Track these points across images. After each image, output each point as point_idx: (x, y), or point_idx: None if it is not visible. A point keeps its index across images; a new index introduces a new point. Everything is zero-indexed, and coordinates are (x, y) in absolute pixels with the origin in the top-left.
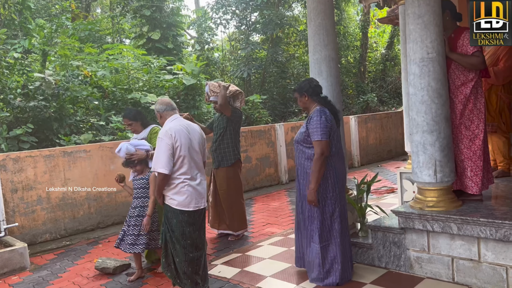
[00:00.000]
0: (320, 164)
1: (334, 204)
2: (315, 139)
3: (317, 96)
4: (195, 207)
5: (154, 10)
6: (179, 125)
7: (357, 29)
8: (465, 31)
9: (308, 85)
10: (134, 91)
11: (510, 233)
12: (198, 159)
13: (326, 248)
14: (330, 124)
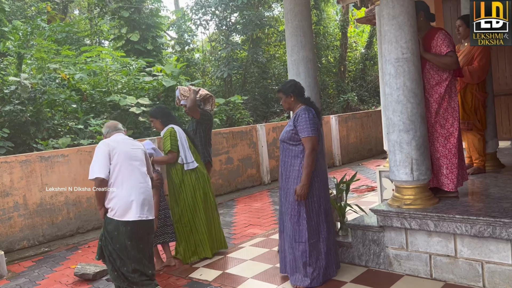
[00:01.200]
0: (312, 159)
1: (319, 201)
2: (305, 136)
3: (302, 97)
4: (137, 217)
5: (133, 11)
6: (119, 138)
7: (337, 29)
8: (439, 31)
9: (294, 86)
10: (113, 93)
11: (484, 229)
12: (137, 170)
13: (314, 245)
14: (317, 122)
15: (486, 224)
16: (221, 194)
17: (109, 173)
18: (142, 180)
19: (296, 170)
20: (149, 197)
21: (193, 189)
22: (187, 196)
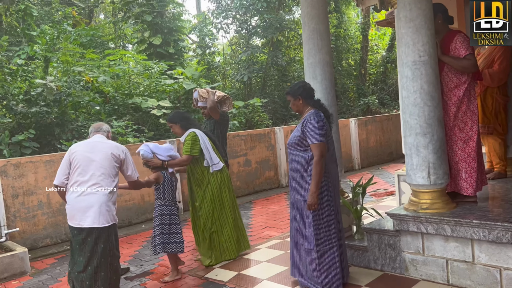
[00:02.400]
0: (320, 166)
1: (330, 207)
2: (314, 142)
3: (311, 99)
4: (77, 224)
5: (155, 15)
6: (90, 140)
7: (358, 32)
8: (457, 34)
9: (302, 88)
10: (135, 96)
11: (502, 234)
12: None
13: (323, 252)
14: (326, 127)
15: (505, 229)
16: (239, 196)
17: (66, 179)
18: (93, 185)
19: (303, 176)
20: (98, 204)
21: (220, 189)
22: (214, 197)
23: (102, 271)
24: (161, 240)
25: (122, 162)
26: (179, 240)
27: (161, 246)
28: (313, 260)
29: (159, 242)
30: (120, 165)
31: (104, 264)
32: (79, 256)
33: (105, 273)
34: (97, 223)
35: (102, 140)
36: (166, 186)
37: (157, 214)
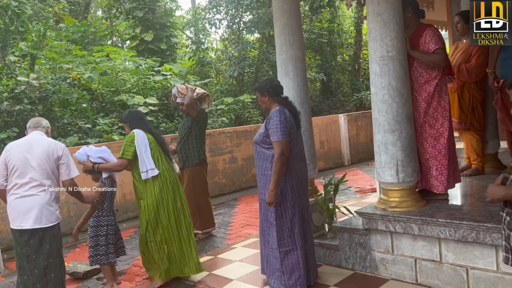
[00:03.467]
0: (280, 165)
1: (294, 207)
2: (275, 140)
3: (278, 97)
4: (18, 226)
5: (147, 11)
6: (27, 137)
7: (352, 27)
8: (428, 28)
9: (269, 85)
10: (122, 93)
11: (468, 233)
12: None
13: (286, 253)
14: (290, 124)
15: (470, 228)
16: (225, 194)
17: (5, 181)
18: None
19: (268, 175)
20: (39, 205)
21: (158, 198)
22: (150, 208)
23: (52, 272)
24: (95, 252)
25: (59, 159)
26: (112, 250)
27: (94, 258)
28: (277, 260)
29: (93, 254)
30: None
31: (53, 264)
32: (24, 260)
33: (56, 274)
34: (39, 223)
35: (40, 137)
36: (106, 194)
37: (92, 225)
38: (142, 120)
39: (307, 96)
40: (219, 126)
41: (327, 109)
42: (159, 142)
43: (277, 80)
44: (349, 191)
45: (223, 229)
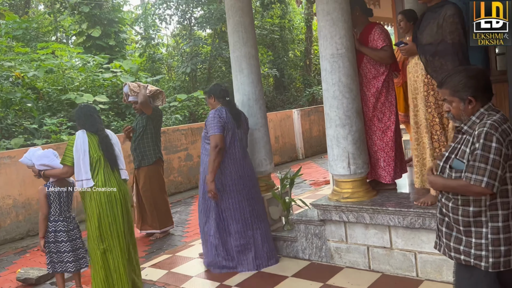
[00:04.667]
0: (214, 155)
1: (233, 198)
2: (210, 134)
3: (223, 99)
4: None
5: (93, 6)
6: None
7: (302, 23)
8: (376, 26)
9: (215, 89)
10: (69, 91)
11: (415, 220)
12: None
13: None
14: (225, 121)
15: (417, 215)
16: (181, 192)
17: None
18: None
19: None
20: None
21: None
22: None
23: None
24: (49, 259)
25: None
26: (70, 259)
27: (50, 265)
28: (212, 246)
29: (47, 261)
30: None
31: None
32: None
33: None
34: None
35: None
36: (50, 198)
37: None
38: (90, 118)
39: (262, 92)
40: (173, 124)
41: (281, 105)
42: (103, 147)
43: (224, 85)
44: (304, 184)
45: (180, 227)
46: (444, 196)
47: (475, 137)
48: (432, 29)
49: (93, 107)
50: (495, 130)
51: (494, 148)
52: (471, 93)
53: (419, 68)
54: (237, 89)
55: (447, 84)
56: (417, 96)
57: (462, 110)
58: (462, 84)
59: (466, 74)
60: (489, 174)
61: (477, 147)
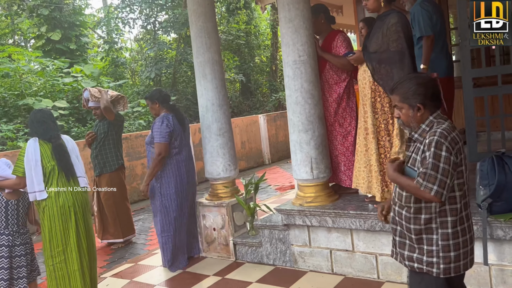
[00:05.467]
0: (156, 163)
1: (177, 199)
2: (156, 142)
3: (167, 104)
4: None
5: (53, 9)
6: None
7: (268, 29)
8: (339, 34)
9: (159, 94)
10: (27, 96)
11: (375, 223)
12: None
13: (167, 238)
14: (171, 129)
15: (377, 218)
16: (144, 199)
17: None
18: None
19: None
20: None
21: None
22: (44, 233)
23: None
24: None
25: None
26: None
27: (6, 283)
28: (160, 243)
29: None
30: None
31: None
32: None
33: None
34: None
35: None
36: (1, 209)
37: None
38: (43, 124)
39: (226, 98)
40: (136, 130)
41: (247, 110)
42: (57, 156)
43: (164, 90)
44: (269, 189)
45: (143, 235)
46: (397, 204)
47: (426, 146)
48: (378, 37)
49: (48, 113)
50: (444, 139)
51: (444, 157)
52: (420, 101)
53: (366, 75)
54: (201, 94)
55: (398, 90)
56: (366, 102)
57: (411, 117)
58: (412, 92)
59: (416, 82)
60: (439, 182)
61: (428, 155)
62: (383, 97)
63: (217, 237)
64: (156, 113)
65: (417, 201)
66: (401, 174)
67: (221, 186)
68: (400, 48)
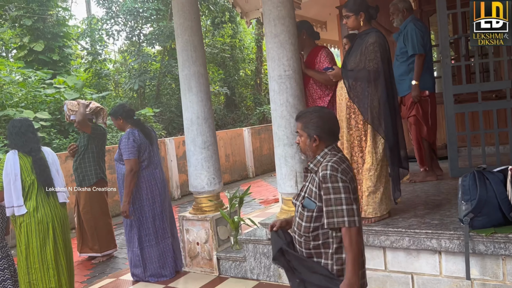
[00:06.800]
0: (130, 179)
1: (151, 211)
2: (125, 158)
3: (131, 119)
4: None
5: (36, 19)
6: None
7: (252, 43)
8: (322, 49)
9: (122, 110)
10: (8, 107)
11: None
12: None
13: (142, 250)
14: (138, 143)
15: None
16: None
17: None
18: None
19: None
20: None
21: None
22: (20, 249)
23: None
24: None
25: None
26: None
27: None
28: (138, 256)
29: None
30: None
31: None
32: None
33: None
34: None
35: None
36: None
37: None
38: (23, 136)
39: (211, 111)
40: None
41: (231, 123)
42: (37, 170)
43: (128, 105)
44: (254, 203)
45: (125, 249)
46: (297, 233)
47: (320, 179)
48: (356, 55)
49: (28, 123)
50: (336, 172)
51: (342, 187)
52: (317, 133)
53: (343, 92)
54: (186, 107)
55: (301, 119)
56: (341, 118)
57: (308, 146)
58: (312, 123)
59: (318, 115)
60: (347, 212)
61: (326, 192)
62: (357, 114)
63: (200, 252)
64: (121, 129)
65: (315, 229)
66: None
67: (205, 200)
68: (376, 68)
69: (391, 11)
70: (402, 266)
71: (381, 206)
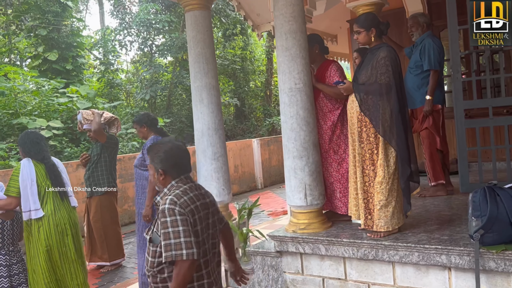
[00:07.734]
0: (154, 185)
1: None
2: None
3: (155, 127)
4: None
5: (51, 30)
6: None
7: (263, 55)
8: (332, 63)
9: (147, 118)
10: (21, 115)
11: (368, 251)
12: None
13: None
14: None
15: (370, 247)
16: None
17: None
18: None
19: (146, 192)
20: None
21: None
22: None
23: None
24: None
25: None
26: None
27: None
28: None
29: None
30: None
31: None
32: None
33: None
34: None
35: None
36: None
37: None
38: (37, 145)
39: (221, 123)
40: (130, 151)
41: (241, 133)
42: (51, 176)
43: (152, 114)
44: (262, 214)
45: (133, 259)
46: (146, 269)
47: (159, 213)
48: (367, 69)
49: (40, 135)
50: (174, 205)
51: (180, 220)
52: (161, 167)
53: (354, 105)
54: (197, 118)
55: (149, 153)
56: (353, 131)
57: (156, 179)
58: (157, 157)
59: (163, 149)
60: (185, 245)
61: (165, 226)
62: (369, 128)
63: None
64: (144, 137)
65: (159, 264)
66: None
67: None
68: (388, 82)
69: (410, 24)
70: (411, 281)
71: (393, 220)
